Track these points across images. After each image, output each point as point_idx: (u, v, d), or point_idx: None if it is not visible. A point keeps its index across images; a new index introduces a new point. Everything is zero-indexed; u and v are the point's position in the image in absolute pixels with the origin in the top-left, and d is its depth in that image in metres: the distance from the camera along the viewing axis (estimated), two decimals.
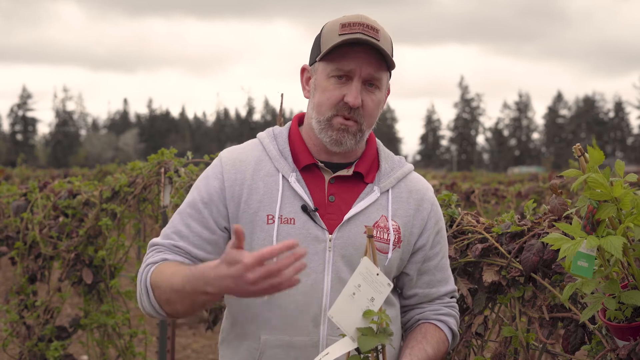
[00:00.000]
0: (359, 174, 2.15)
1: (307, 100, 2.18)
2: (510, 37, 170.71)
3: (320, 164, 2.13)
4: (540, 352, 2.47)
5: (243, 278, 1.75)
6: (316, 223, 2.07)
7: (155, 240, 2.13)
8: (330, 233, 2.08)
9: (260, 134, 2.22)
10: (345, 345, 1.75)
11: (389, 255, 2.10)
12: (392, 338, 1.77)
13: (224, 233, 2.11)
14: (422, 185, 2.22)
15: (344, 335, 1.76)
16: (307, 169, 2.14)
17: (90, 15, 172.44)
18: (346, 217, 2.08)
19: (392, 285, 1.78)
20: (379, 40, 2.04)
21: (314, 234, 2.07)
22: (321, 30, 2.13)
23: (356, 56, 2.04)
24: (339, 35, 2.04)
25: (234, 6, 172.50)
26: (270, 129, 2.24)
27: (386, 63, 2.07)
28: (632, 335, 1.92)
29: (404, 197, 2.16)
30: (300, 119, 2.24)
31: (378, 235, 2.09)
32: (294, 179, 2.10)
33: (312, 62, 2.14)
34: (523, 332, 2.45)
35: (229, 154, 2.18)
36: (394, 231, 2.11)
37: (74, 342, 5.17)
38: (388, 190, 2.15)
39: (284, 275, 1.75)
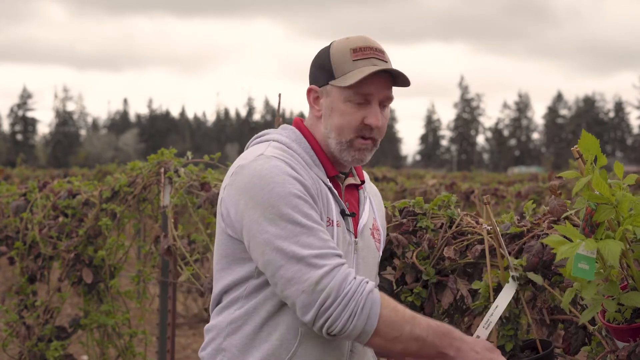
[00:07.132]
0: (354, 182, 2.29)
1: (311, 115, 2.21)
2: (496, 36, 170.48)
3: (340, 174, 2.23)
4: None
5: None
6: (348, 227, 2.17)
7: (325, 251, 1.98)
8: (355, 237, 2.18)
9: (284, 144, 2.14)
10: (509, 291, 2.20)
11: (379, 252, 2.31)
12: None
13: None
14: (372, 185, 2.41)
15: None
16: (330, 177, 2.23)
17: (72, 14, 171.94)
18: (361, 222, 2.21)
19: None
20: (387, 62, 2.15)
21: (348, 238, 2.17)
22: (329, 53, 2.15)
23: (374, 82, 2.11)
24: (353, 61, 2.11)
25: (213, 5, 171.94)
26: (286, 140, 2.16)
27: (395, 82, 2.17)
28: (632, 336, 1.92)
29: (376, 200, 2.37)
30: (299, 125, 2.23)
31: (375, 237, 2.26)
32: (330, 185, 2.17)
33: (322, 83, 2.16)
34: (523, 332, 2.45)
35: (282, 164, 2.05)
36: (381, 230, 2.34)
37: (74, 342, 5.17)
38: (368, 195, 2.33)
39: None
